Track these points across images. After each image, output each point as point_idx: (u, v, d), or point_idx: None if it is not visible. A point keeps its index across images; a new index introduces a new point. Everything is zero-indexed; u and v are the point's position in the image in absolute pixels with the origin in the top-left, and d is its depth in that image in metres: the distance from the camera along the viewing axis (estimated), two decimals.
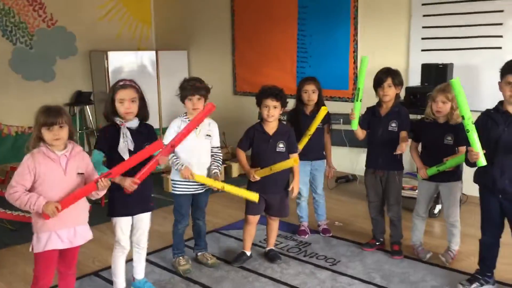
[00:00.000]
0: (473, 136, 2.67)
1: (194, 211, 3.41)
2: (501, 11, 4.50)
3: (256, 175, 3.21)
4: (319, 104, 3.80)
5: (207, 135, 3.24)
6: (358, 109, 3.39)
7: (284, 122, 3.84)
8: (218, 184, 3.14)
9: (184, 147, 3.09)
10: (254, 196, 3.15)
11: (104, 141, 2.81)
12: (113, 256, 2.95)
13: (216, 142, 3.33)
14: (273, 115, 3.26)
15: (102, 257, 3.52)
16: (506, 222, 2.94)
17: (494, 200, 2.88)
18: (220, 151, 3.35)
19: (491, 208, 2.93)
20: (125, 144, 2.74)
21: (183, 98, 3.19)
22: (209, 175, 3.23)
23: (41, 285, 2.51)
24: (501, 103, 2.82)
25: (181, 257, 3.38)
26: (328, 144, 3.95)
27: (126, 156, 2.72)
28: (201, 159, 3.22)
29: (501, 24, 4.51)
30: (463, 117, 2.68)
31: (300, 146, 3.58)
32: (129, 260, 3.06)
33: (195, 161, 3.19)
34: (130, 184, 2.70)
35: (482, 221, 3.02)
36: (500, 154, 2.74)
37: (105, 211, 2.92)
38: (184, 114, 3.24)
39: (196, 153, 3.19)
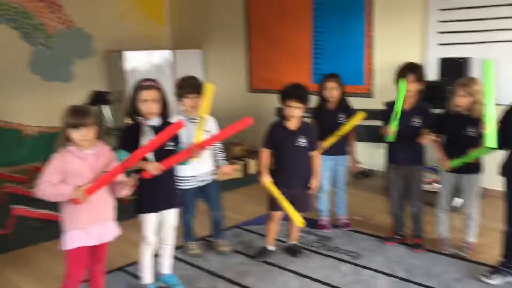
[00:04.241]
0: (490, 117, 2.71)
1: (207, 203, 3.54)
2: None
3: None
4: (342, 100, 3.84)
5: (206, 131, 3.22)
6: (394, 128, 3.34)
7: (308, 119, 3.88)
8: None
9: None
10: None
11: (129, 141, 2.83)
12: (141, 252, 3.01)
13: None
14: (295, 115, 3.30)
15: (127, 252, 3.58)
16: None
17: None
18: (222, 145, 3.47)
19: None
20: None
21: (180, 96, 3.29)
22: (217, 165, 3.44)
23: (73, 281, 2.56)
24: None
25: (191, 242, 3.52)
26: (352, 139, 3.94)
27: (149, 153, 2.77)
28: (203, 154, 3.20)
29: None
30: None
31: (327, 144, 3.59)
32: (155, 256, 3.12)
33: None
34: (155, 167, 2.69)
35: (510, 213, 3.01)
36: None
37: (128, 208, 2.99)
38: (183, 112, 3.31)
39: None
